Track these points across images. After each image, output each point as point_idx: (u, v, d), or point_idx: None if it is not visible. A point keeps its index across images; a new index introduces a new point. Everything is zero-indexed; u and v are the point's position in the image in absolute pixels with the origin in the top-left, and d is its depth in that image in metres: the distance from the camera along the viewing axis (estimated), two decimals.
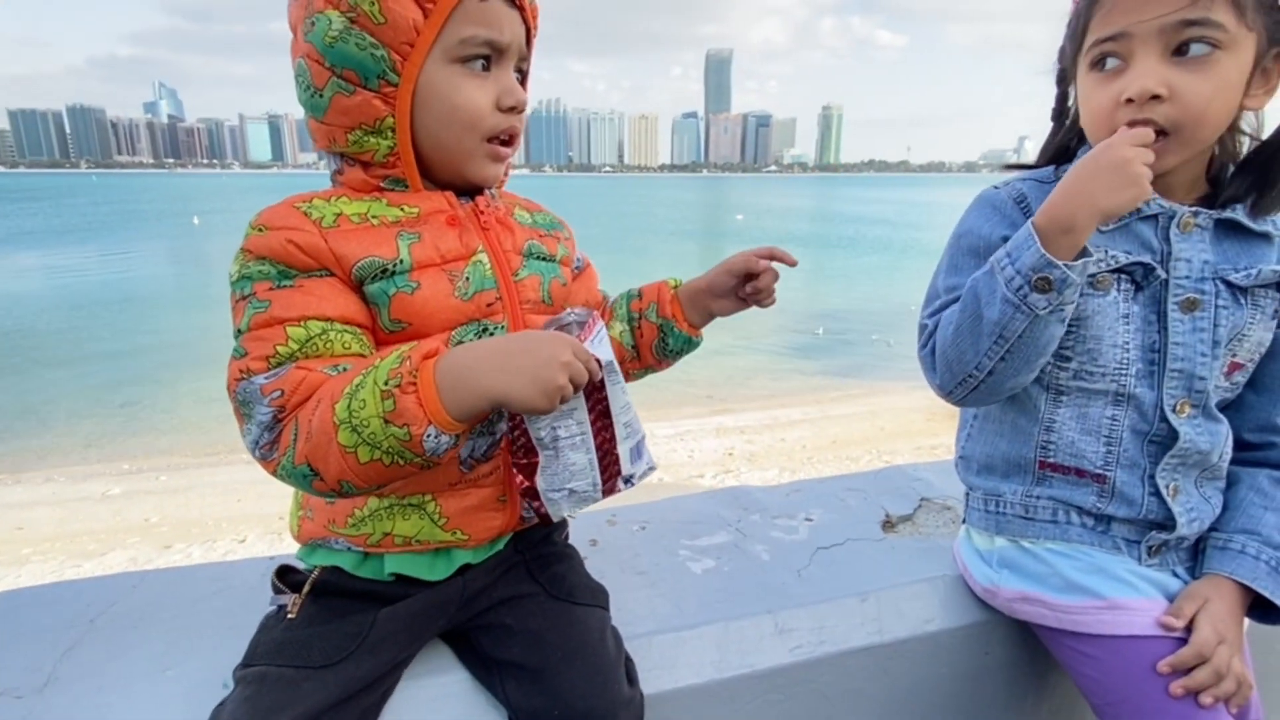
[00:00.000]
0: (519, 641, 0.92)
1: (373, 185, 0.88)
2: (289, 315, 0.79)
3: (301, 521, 0.94)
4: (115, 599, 1.13)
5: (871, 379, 15.60)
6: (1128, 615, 0.96)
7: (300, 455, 0.75)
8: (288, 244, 0.79)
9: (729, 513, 1.40)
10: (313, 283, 0.80)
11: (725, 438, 11.55)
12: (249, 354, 0.78)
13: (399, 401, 0.71)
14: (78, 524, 8.33)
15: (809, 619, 1.11)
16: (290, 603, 0.91)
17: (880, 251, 38.66)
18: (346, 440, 0.72)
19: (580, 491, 0.88)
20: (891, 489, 1.50)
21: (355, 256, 0.82)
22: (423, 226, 0.87)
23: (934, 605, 1.17)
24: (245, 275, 0.80)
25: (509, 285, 0.93)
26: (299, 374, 0.78)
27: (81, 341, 17.34)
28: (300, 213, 0.82)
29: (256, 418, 0.77)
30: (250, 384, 0.77)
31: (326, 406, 0.74)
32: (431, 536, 0.91)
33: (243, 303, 0.80)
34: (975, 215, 1.06)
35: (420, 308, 0.84)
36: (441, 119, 0.85)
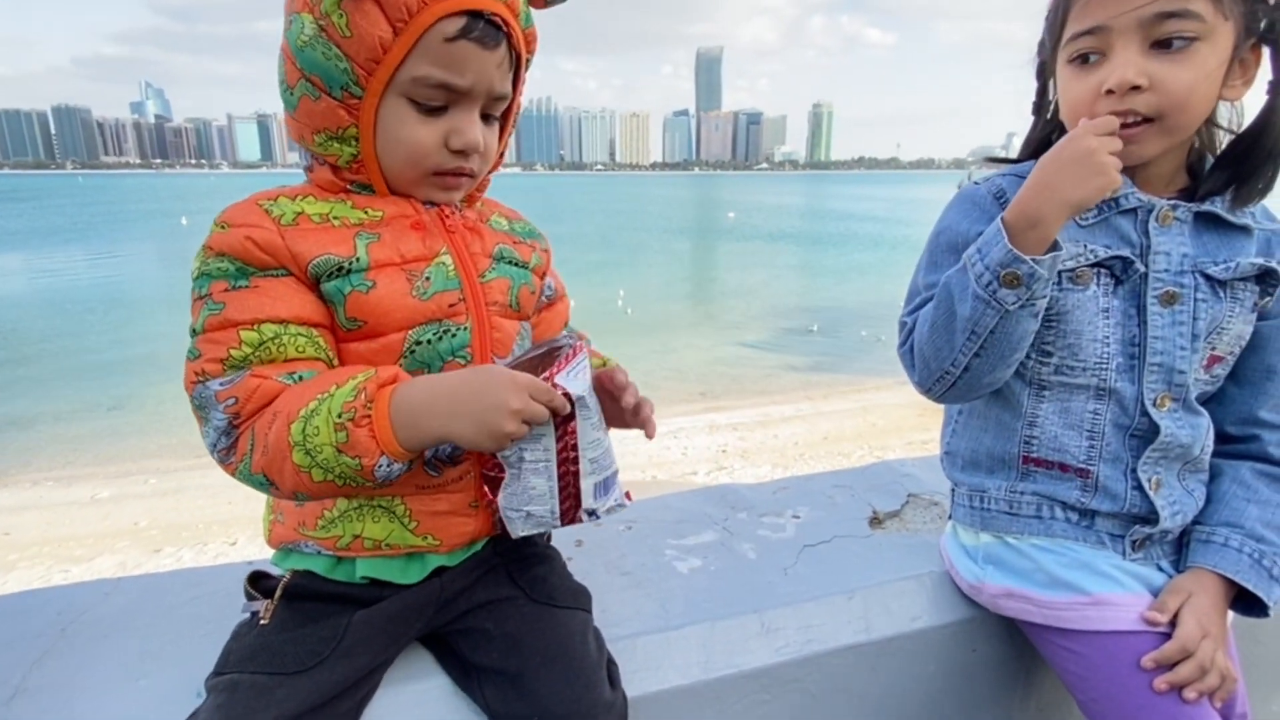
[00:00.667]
0: (498, 646, 0.90)
1: (340, 187, 0.87)
2: (242, 318, 0.78)
3: (273, 525, 0.93)
4: (88, 607, 1.10)
5: (863, 375, 15.67)
6: (1112, 611, 0.96)
7: (256, 465, 0.77)
8: (245, 241, 0.79)
9: (716, 511, 1.39)
10: (268, 282, 0.80)
11: (718, 435, 11.57)
12: (203, 356, 0.78)
13: (352, 434, 0.73)
14: (65, 528, 8.26)
15: (796, 618, 1.10)
16: (263, 608, 0.89)
17: (871, 248, 38.80)
18: (300, 461, 0.75)
19: (537, 515, 0.87)
20: (879, 485, 1.49)
21: (310, 254, 0.81)
22: (384, 229, 0.86)
23: (921, 602, 1.16)
24: (204, 273, 0.80)
25: (474, 286, 0.91)
26: (254, 382, 0.78)
27: (68, 344, 17.19)
28: (261, 210, 0.81)
29: (213, 422, 0.78)
30: (206, 388, 0.78)
31: (282, 424, 0.75)
32: (402, 540, 0.89)
33: (199, 302, 0.80)
34: (954, 212, 1.06)
35: (375, 306, 0.83)
36: (389, 148, 0.85)
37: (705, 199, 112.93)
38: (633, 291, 23.03)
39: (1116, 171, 0.85)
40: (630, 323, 19.65)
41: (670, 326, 19.75)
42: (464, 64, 0.81)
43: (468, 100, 0.85)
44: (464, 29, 0.79)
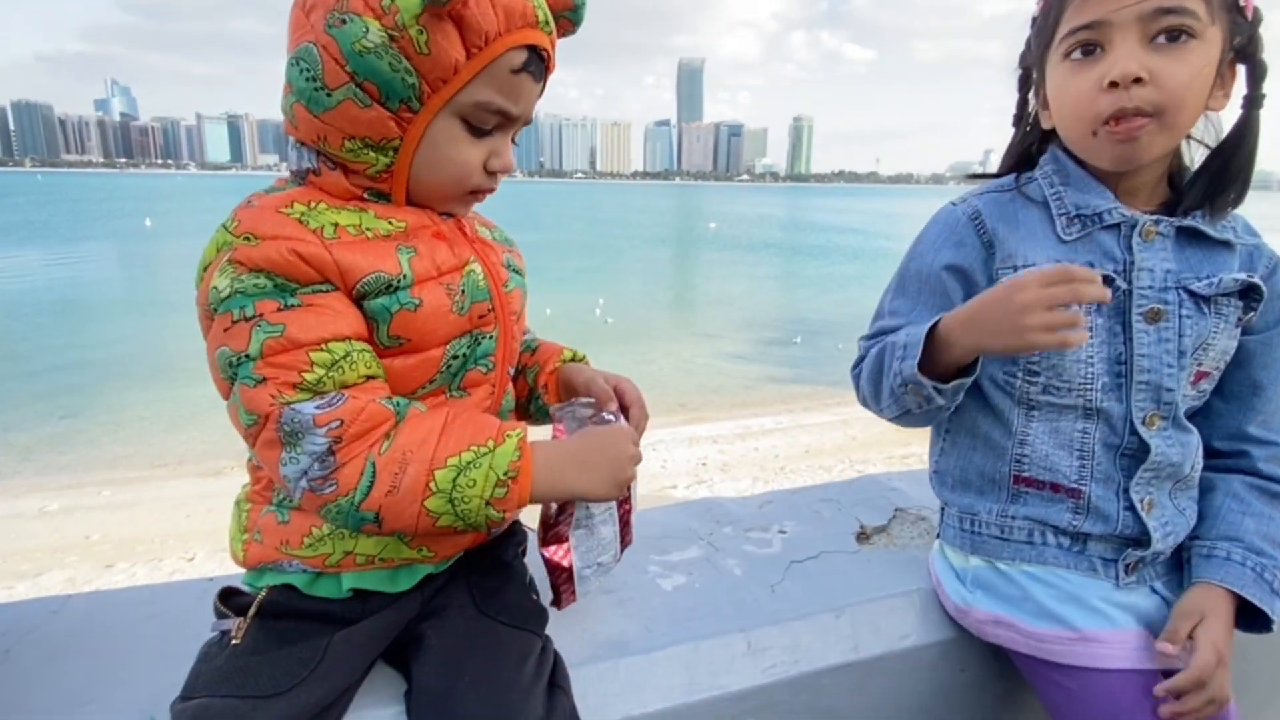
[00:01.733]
0: (432, 659, 0.86)
1: (354, 194, 0.83)
2: (308, 338, 0.73)
3: (247, 546, 0.87)
4: (34, 626, 1.04)
5: (843, 387, 15.54)
6: (1099, 648, 0.94)
7: (372, 502, 0.74)
8: (290, 255, 0.73)
9: (700, 525, 1.35)
10: (320, 299, 0.75)
11: (698, 447, 11.52)
12: (270, 381, 0.73)
13: (511, 490, 0.77)
14: (10, 542, 7.86)
15: (782, 637, 1.07)
16: (234, 627, 0.84)
17: (852, 260, 39.22)
18: (435, 507, 0.75)
19: (605, 564, 0.94)
20: (865, 499, 1.46)
21: (360, 271, 0.77)
22: (414, 240, 0.83)
23: (910, 620, 1.13)
24: (240, 291, 0.73)
25: (500, 295, 0.91)
26: (357, 404, 0.74)
27: (18, 348, 16.54)
28: (294, 221, 0.76)
29: (307, 448, 0.73)
30: (297, 413, 0.73)
31: (422, 469, 0.74)
32: (396, 554, 0.86)
33: (244, 325, 0.73)
34: (928, 238, 1.06)
35: (422, 325, 0.81)
36: (431, 164, 0.83)
37: (687, 208, 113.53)
38: (612, 300, 23.00)
39: (1043, 337, 0.83)
40: (610, 332, 19.62)
41: (650, 336, 19.74)
42: (519, 93, 0.83)
43: (510, 125, 0.86)
44: (526, 62, 0.81)
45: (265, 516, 0.86)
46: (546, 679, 0.88)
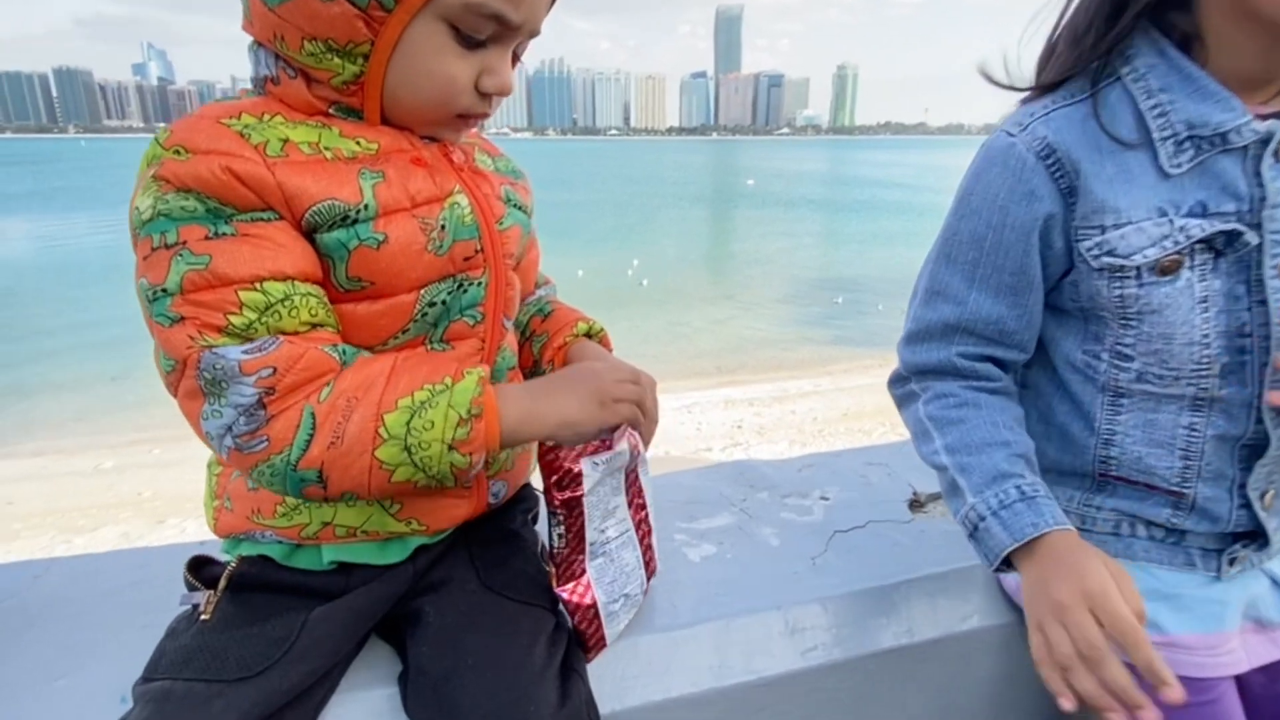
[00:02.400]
0: (430, 638, 0.75)
1: (318, 108, 0.69)
2: (237, 274, 0.61)
3: (218, 513, 0.78)
4: (13, 592, 0.97)
5: (885, 348, 15.41)
6: (1189, 655, 0.79)
7: (313, 459, 0.63)
8: (224, 174, 0.61)
9: (733, 491, 1.23)
10: (259, 229, 0.63)
11: (733, 410, 11.43)
12: (188, 321, 0.61)
13: (474, 429, 0.66)
14: (68, 499, 8.26)
15: (825, 616, 0.94)
16: (204, 601, 0.75)
17: (898, 215, 38.03)
18: (389, 457, 0.64)
19: (633, 596, 0.85)
20: (919, 463, 1.30)
21: (310, 197, 0.64)
22: (385, 164, 0.69)
23: (972, 599, 1.00)
24: (164, 213, 0.61)
25: (492, 234, 0.76)
26: (292, 350, 0.63)
27: (69, 311, 17.14)
28: (234, 133, 0.63)
29: (232, 399, 0.62)
30: (220, 357, 0.61)
31: (370, 414, 0.64)
32: (381, 526, 0.75)
33: (164, 253, 0.61)
34: (983, 188, 0.82)
35: (387, 265, 0.68)
36: (410, 78, 0.68)
37: (723, 165, 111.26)
38: (647, 262, 22.76)
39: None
40: (644, 294, 19.43)
41: (685, 297, 19.52)
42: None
43: (508, 38, 0.71)
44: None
45: (235, 482, 0.76)
46: (560, 661, 0.77)
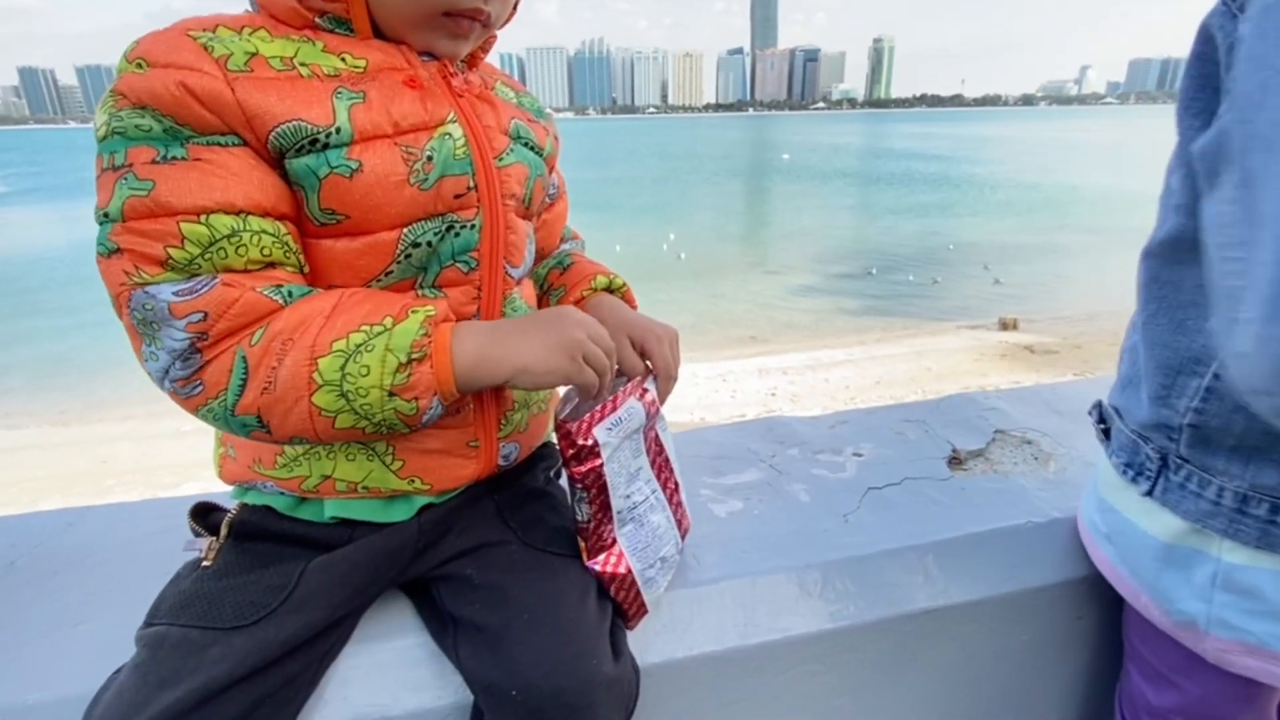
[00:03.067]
0: (480, 597, 0.73)
1: (305, 20, 0.64)
2: (182, 205, 0.57)
3: (223, 460, 0.76)
4: (44, 539, 0.98)
5: (918, 318, 15.13)
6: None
7: (248, 404, 0.60)
8: (178, 89, 0.56)
9: (762, 446, 1.18)
10: (215, 154, 0.58)
11: (767, 378, 11.36)
12: (126, 253, 0.57)
13: (414, 375, 0.61)
14: (155, 458, 8.76)
15: (858, 575, 0.90)
16: (205, 548, 0.73)
17: (933, 187, 37.01)
18: (325, 403, 0.60)
19: (669, 559, 0.82)
20: (958, 420, 1.25)
21: (274, 117, 0.59)
22: (370, 84, 0.63)
23: (1015, 559, 0.94)
24: (118, 131, 0.57)
25: (488, 170, 0.70)
26: (229, 293, 0.58)
27: None
28: (197, 45, 0.58)
29: (164, 342, 0.58)
30: (151, 296, 0.57)
31: (303, 359, 0.59)
32: (383, 484, 0.72)
33: (112, 175, 0.57)
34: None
35: (362, 197, 0.63)
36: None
37: (759, 140, 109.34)
38: (683, 235, 22.58)
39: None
40: (682, 267, 19.29)
41: (721, 269, 19.33)
42: None
43: None
44: None
45: None
46: (611, 615, 0.75)
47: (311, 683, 0.71)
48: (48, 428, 10.08)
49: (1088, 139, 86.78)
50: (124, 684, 0.63)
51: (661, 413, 0.81)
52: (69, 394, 11.27)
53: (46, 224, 30.67)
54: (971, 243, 22.15)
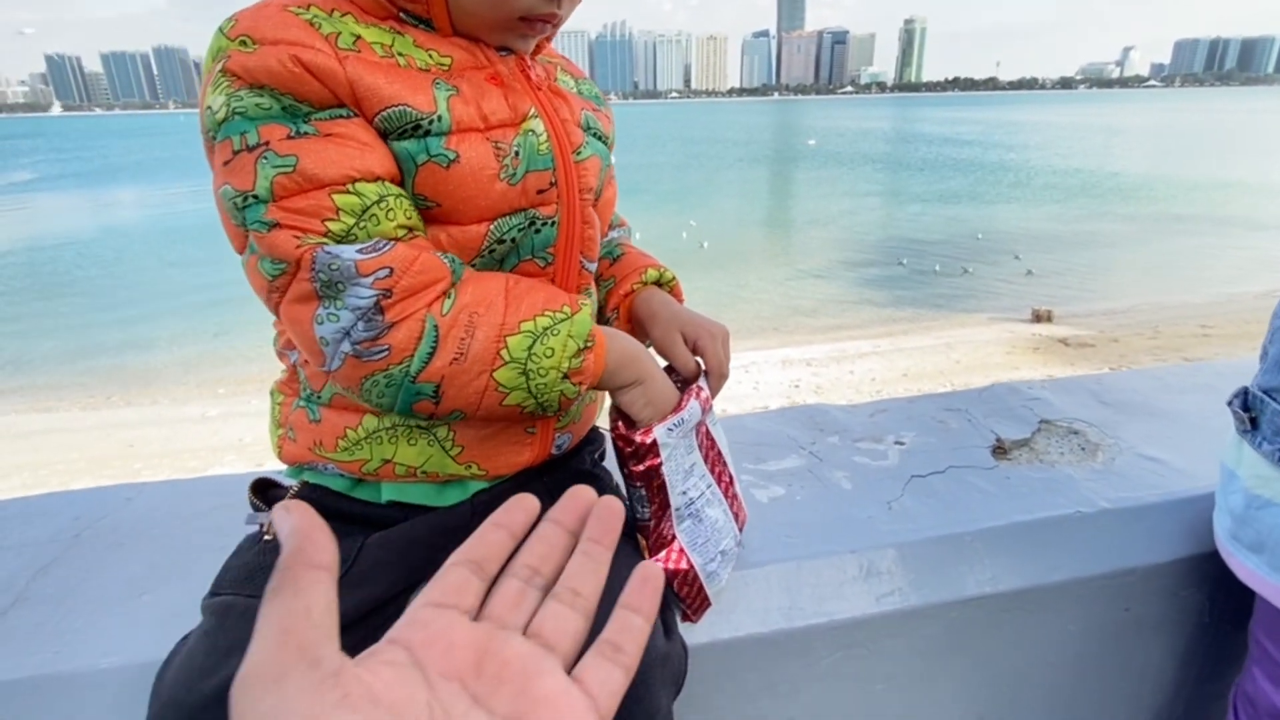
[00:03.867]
0: None
1: (390, 12, 0.65)
2: (329, 177, 0.57)
3: (282, 442, 0.77)
4: (106, 512, 1.01)
5: (947, 310, 14.89)
6: None
7: (432, 373, 0.61)
8: (294, 65, 0.56)
9: (802, 434, 1.18)
10: (339, 126, 0.58)
11: (791, 369, 11.28)
12: (283, 227, 0.57)
13: (585, 360, 0.66)
14: (181, 442, 8.96)
15: (903, 561, 0.90)
16: (267, 523, 0.75)
17: (965, 173, 36.35)
18: (506, 380, 0.63)
19: (729, 551, 0.82)
20: (1002, 409, 1.24)
21: (382, 99, 0.59)
22: (459, 79, 0.64)
23: (1063, 549, 0.94)
24: (240, 112, 0.57)
25: (568, 166, 0.70)
26: (408, 250, 0.60)
27: (173, 274, 18.38)
28: (303, 22, 0.58)
29: (349, 300, 0.58)
30: (335, 257, 0.57)
31: (493, 335, 0.62)
32: (440, 468, 0.73)
33: (249, 156, 0.57)
34: None
35: (457, 187, 0.63)
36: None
37: (784, 125, 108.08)
38: (705, 223, 22.46)
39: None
40: (704, 256, 19.21)
41: (744, 258, 19.21)
42: None
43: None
44: None
45: (296, 412, 0.75)
46: (661, 594, 0.76)
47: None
48: (77, 411, 10.34)
49: (1130, 123, 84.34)
50: (194, 649, 0.66)
51: (712, 407, 0.81)
52: (97, 378, 11.60)
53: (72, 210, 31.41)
54: (1004, 231, 21.77)
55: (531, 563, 0.37)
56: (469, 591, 0.34)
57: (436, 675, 0.30)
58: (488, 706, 0.30)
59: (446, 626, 0.32)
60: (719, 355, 0.80)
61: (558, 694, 0.31)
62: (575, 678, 0.32)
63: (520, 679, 0.31)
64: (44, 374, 11.93)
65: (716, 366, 0.80)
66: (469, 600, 0.34)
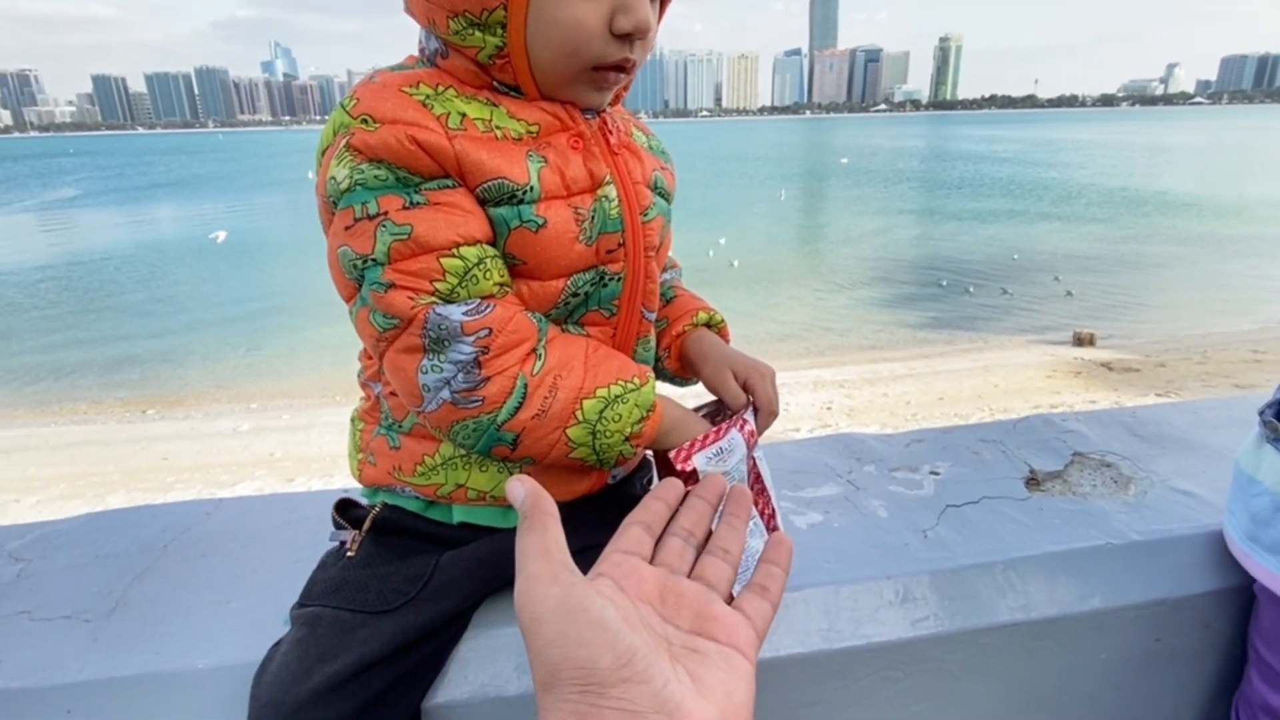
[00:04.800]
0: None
1: (485, 82, 0.72)
2: (437, 243, 0.66)
3: (362, 465, 0.85)
4: (190, 525, 1.10)
5: (984, 332, 14.64)
6: None
7: (516, 423, 0.69)
8: (411, 144, 0.65)
9: (839, 462, 1.23)
10: (446, 195, 0.67)
11: (823, 391, 11.19)
12: (400, 288, 0.66)
13: (646, 426, 0.74)
14: (213, 456, 9.18)
15: (938, 588, 0.94)
16: (350, 540, 0.83)
17: (1004, 193, 35.86)
18: (576, 437, 0.71)
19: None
20: (1035, 441, 1.27)
21: (484, 173, 0.68)
22: (546, 148, 0.72)
23: (1094, 579, 0.96)
24: (361, 183, 0.66)
25: (635, 227, 0.78)
26: (504, 313, 0.68)
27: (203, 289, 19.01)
28: (418, 103, 0.67)
29: (453, 355, 0.67)
30: (445, 318, 0.66)
31: (571, 396, 0.70)
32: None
33: (368, 224, 0.66)
34: None
35: (542, 249, 0.71)
36: (542, 32, 0.69)
37: (816, 143, 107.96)
38: (735, 241, 22.49)
39: None
40: (734, 274, 19.23)
41: (774, 277, 19.18)
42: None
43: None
44: None
45: (377, 439, 0.83)
46: None
47: (439, 663, 0.79)
48: (113, 424, 10.67)
49: (1176, 141, 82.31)
50: (288, 655, 0.73)
51: (758, 442, 0.85)
52: (133, 390, 11.99)
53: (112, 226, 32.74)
54: (1043, 251, 21.41)
55: (687, 526, 0.50)
56: (644, 544, 0.48)
57: (635, 598, 0.42)
58: (674, 622, 0.42)
59: (635, 567, 0.45)
60: (769, 393, 0.85)
61: (726, 614, 0.43)
62: (735, 607, 0.45)
63: (695, 605, 0.43)
64: (82, 386, 12.34)
65: (767, 404, 0.85)
66: (645, 550, 0.47)
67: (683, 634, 0.42)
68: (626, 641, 0.36)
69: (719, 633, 0.42)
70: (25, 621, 0.90)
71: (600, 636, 0.36)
